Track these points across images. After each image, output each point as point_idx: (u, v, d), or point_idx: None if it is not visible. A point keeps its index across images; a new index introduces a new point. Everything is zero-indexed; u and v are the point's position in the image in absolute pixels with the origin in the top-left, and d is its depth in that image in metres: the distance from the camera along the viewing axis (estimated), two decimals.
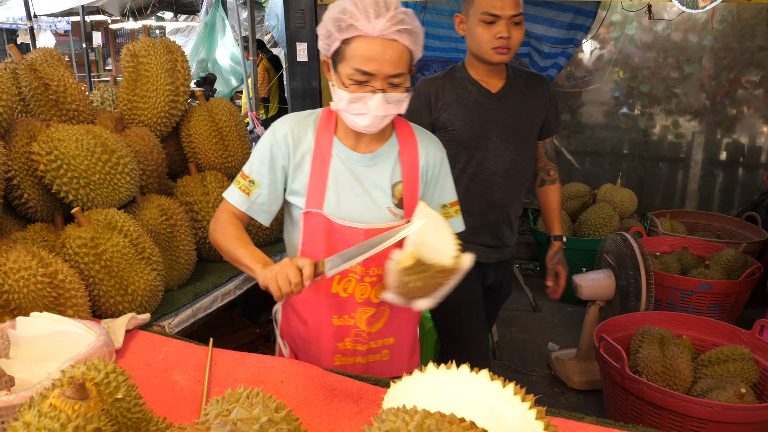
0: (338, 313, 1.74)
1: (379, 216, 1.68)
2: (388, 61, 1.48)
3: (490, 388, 1.22)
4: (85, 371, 0.96)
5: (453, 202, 1.84)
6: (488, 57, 2.15)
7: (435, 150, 1.76)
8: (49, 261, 1.63)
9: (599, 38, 5.73)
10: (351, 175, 1.67)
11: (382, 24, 1.45)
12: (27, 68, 2.15)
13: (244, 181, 1.69)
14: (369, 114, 1.53)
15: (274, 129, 1.70)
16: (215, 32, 7.44)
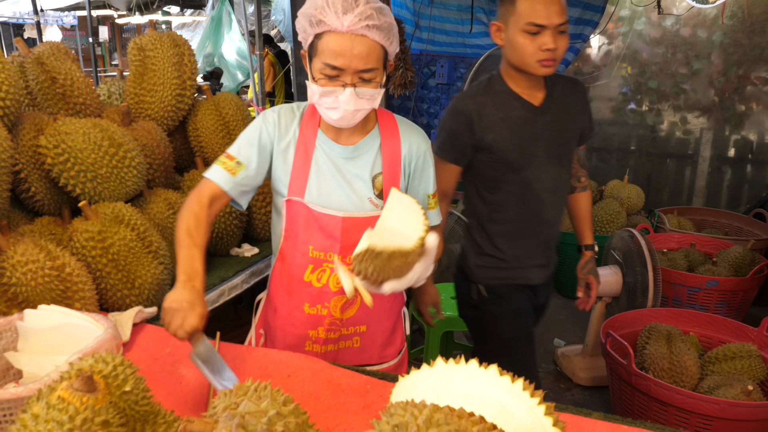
0: (310, 301, 1.76)
1: (360, 206, 1.70)
2: (356, 57, 1.50)
3: (498, 383, 1.21)
4: (93, 364, 0.96)
5: (434, 193, 1.85)
6: (532, 69, 1.97)
7: (418, 141, 1.76)
8: (57, 254, 1.63)
9: (607, 33, 5.70)
10: (333, 167, 1.70)
11: (350, 20, 1.47)
12: (34, 62, 2.15)
13: (230, 162, 1.67)
14: (340, 108, 1.56)
15: (264, 115, 1.73)
16: (221, 27, 7.43)
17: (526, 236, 2.17)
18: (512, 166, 2.09)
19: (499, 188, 2.13)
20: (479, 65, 3.82)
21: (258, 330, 1.93)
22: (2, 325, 1.32)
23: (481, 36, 5.70)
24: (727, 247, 4.21)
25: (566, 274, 4.73)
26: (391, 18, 1.54)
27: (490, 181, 2.13)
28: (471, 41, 5.79)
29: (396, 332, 1.92)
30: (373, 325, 1.82)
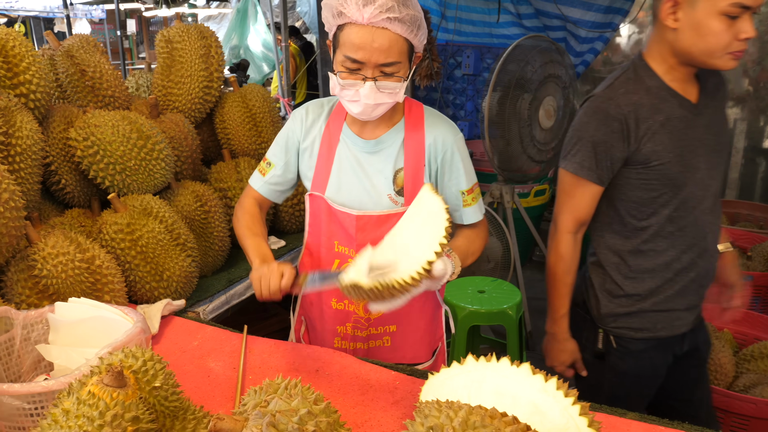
0: (338, 296, 1.75)
1: (378, 203, 1.67)
2: (377, 50, 1.46)
3: (531, 382, 1.19)
4: (123, 359, 0.96)
5: (470, 189, 1.71)
6: (719, 63, 1.61)
7: (444, 133, 1.68)
8: (87, 246, 1.64)
9: (637, 22, 5.57)
10: (355, 161, 1.68)
11: (371, 11, 1.43)
12: (64, 55, 2.16)
13: (263, 164, 1.78)
14: (360, 101, 1.53)
15: (293, 114, 1.76)
16: (247, 19, 7.43)
17: (681, 271, 1.78)
18: (672, 183, 1.70)
19: (654, 212, 1.73)
20: (507, 55, 3.75)
21: (299, 317, 1.92)
22: (34, 318, 1.32)
23: (508, 25, 5.62)
24: (762, 241, 4.10)
25: None
26: (415, 10, 1.49)
27: (640, 205, 1.74)
28: (498, 31, 5.71)
29: (430, 332, 1.87)
30: (403, 325, 1.79)
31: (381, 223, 1.66)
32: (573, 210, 1.77)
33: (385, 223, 1.66)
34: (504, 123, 3.80)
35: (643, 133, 1.66)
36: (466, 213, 1.73)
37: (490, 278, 3.31)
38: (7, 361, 1.28)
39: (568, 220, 1.80)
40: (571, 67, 4.11)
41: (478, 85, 5.88)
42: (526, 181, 4.37)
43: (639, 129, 1.66)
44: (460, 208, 1.72)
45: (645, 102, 1.67)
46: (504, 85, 3.75)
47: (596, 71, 5.85)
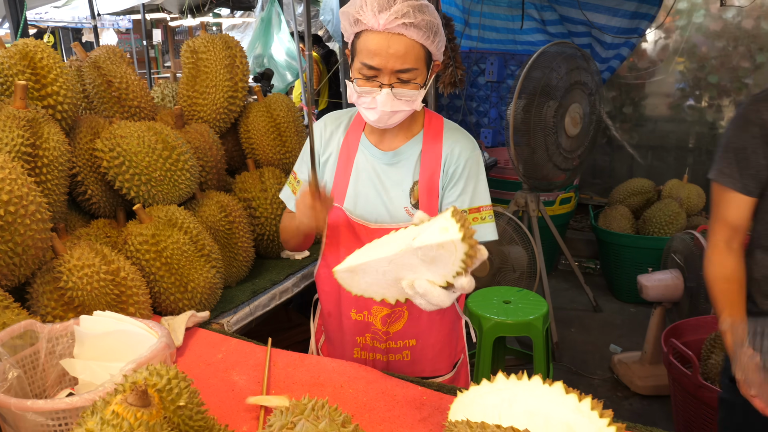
0: (357, 307, 1.73)
1: (394, 216, 1.65)
2: (393, 56, 1.46)
3: (565, 401, 1.15)
4: (147, 377, 0.94)
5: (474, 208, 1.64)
6: None
7: (461, 147, 1.64)
8: (112, 258, 1.64)
9: (664, 27, 5.48)
10: (373, 172, 1.66)
11: (386, 18, 1.43)
12: (91, 66, 2.18)
13: (293, 180, 1.79)
14: (377, 109, 1.52)
15: (314, 126, 1.76)
16: (271, 27, 7.47)
17: None
18: None
19: None
20: (533, 62, 3.71)
21: (319, 327, 1.91)
22: (59, 331, 1.32)
23: (533, 32, 5.57)
24: None
25: (621, 277, 4.60)
26: (432, 16, 1.47)
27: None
28: (522, 38, 5.67)
29: (450, 345, 1.83)
30: (423, 339, 1.76)
31: None
32: (720, 219, 1.69)
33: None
34: (529, 131, 3.75)
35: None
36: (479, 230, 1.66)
37: (515, 288, 3.26)
38: (32, 375, 1.27)
39: (716, 230, 1.71)
40: (597, 73, 4.05)
41: (502, 92, 5.84)
42: (551, 189, 4.32)
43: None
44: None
45: None
46: (529, 92, 3.71)
47: (622, 77, 5.78)
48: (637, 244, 4.41)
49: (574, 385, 1.13)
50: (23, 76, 1.80)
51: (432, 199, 1.64)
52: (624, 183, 4.93)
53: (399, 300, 1.22)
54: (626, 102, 5.86)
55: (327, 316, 1.82)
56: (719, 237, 1.72)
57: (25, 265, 1.49)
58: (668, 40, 5.57)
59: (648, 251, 4.31)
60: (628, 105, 5.86)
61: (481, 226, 1.66)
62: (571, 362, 3.79)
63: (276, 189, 2.34)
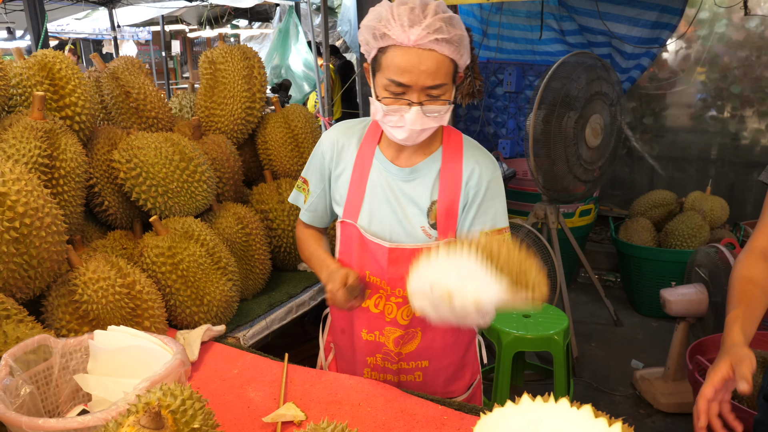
0: (368, 327, 1.67)
1: (411, 235, 1.58)
2: (424, 73, 1.38)
3: (594, 426, 1.10)
4: (161, 397, 0.91)
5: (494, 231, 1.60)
6: None
7: (483, 168, 1.59)
8: (128, 271, 1.62)
9: (685, 37, 5.41)
10: (388, 189, 1.59)
11: (417, 33, 1.35)
12: (109, 77, 2.17)
13: (304, 188, 1.75)
14: (405, 127, 1.45)
15: (323, 137, 1.70)
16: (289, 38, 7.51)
17: None
18: None
19: None
20: (552, 73, 3.67)
21: (328, 344, 1.87)
22: (73, 346, 1.30)
23: (551, 42, 5.52)
24: None
25: (643, 291, 4.51)
26: (461, 29, 1.42)
27: None
28: (540, 48, 5.62)
29: (464, 367, 1.78)
30: (436, 361, 1.70)
31: (414, 256, 1.57)
32: (764, 225, 1.55)
33: (417, 257, 1.59)
34: (549, 142, 3.70)
35: None
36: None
37: None
38: (45, 391, 1.25)
39: (757, 235, 1.57)
40: (618, 83, 4.00)
41: (520, 103, 5.79)
42: (571, 200, 4.25)
43: None
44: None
45: None
46: (549, 102, 3.66)
47: (642, 88, 5.71)
48: (658, 257, 4.32)
49: (595, 402, 1.08)
50: (41, 87, 1.79)
51: (450, 220, 1.59)
52: (645, 195, 4.84)
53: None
54: (647, 113, 5.78)
55: (340, 332, 1.77)
56: (757, 243, 1.59)
57: (40, 278, 1.47)
58: (690, 50, 5.49)
59: (670, 264, 4.23)
60: (648, 116, 5.78)
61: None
62: (591, 378, 3.71)
63: None
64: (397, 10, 1.38)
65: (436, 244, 1.54)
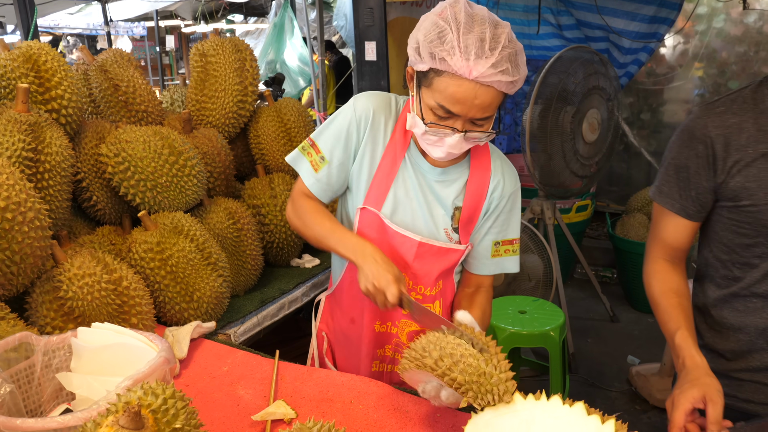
0: (381, 319, 1.64)
1: (435, 234, 1.56)
2: (477, 106, 1.32)
3: (586, 423, 1.07)
4: (142, 396, 0.88)
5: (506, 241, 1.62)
6: None
7: (508, 181, 1.58)
8: (114, 267, 1.58)
9: (683, 32, 5.38)
10: (417, 185, 1.55)
11: (482, 69, 1.26)
12: (98, 69, 2.14)
13: (316, 155, 1.57)
14: (444, 148, 1.41)
15: (355, 105, 1.55)
16: (284, 33, 7.46)
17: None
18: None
19: (747, 263, 1.43)
20: (549, 67, 3.63)
21: (320, 333, 1.82)
22: (55, 344, 1.26)
23: (549, 37, 5.49)
24: None
25: (639, 287, 4.48)
26: (524, 65, 1.33)
27: (731, 250, 1.45)
28: (538, 43, 5.58)
29: None
30: None
31: (440, 255, 1.56)
32: (657, 238, 1.52)
33: (443, 256, 1.56)
34: (546, 137, 3.67)
35: (733, 164, 1.38)
36: (487, 263, 1.63)
37: (531, 298, 3.18)
38: (27, 390, 1.22)
39: (655, 248, 1.54)
40: (615, 78, 3.97)
41: (517, 98, 5.75)
42: (567, 196, 4.23)
43: (728, 158, 1.38)
44: (487, 258, 1.62)
45: (748, 126, 1.36)
46: (545, 97, 3.63)
47: (640, 83, 5.68)
48: None
49: (591, 398, 1.05)
50: (26, 79, 1.76)
51: (470, 227, 1.58)
52: (642, 190, 4.82)
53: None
54: (644, 108, 5.75)
55: (349, 322, 1.71)
56: (658, 254, 1.54)
57: (23, 274, 1.43)
58: (687, 45, 5.47)
59: None
60: (645, 111, 5.75)
61: (509, 258, 1.64)
62: (587, 374, 3.69)
63: (286, 195, 2.28)
64: (464, 39, 1.27)
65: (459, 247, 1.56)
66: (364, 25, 4.02)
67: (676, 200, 1.47)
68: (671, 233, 1.50)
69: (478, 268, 1.64)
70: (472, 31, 1.28)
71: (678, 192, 1.47)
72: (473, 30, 1.28)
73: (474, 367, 1.15)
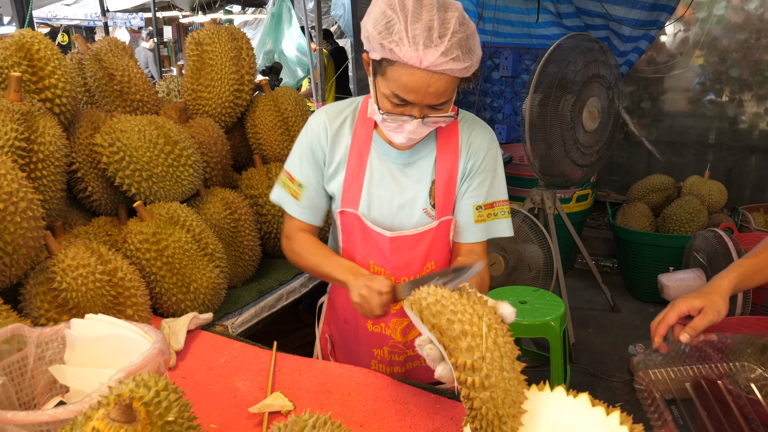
0: (374, 320, 1.64)
1: (411, 218, 1.54)
2: (432, 94, 1.31)
3: (591, 415, 1.05)
4: (134, 388, 0.86)
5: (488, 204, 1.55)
6: None
7: (481, 139, 1.54)
8: (109, 258, 1.56)
9: (683, 20, 5.34)
10: (388, 173, 1.54)
11: (431, 58, 1.25)
12: (92, 58, 2.11)
13: (293, 185, 1.60)
14: (404, 134, 1.41)
15: (310, 122, 1.59)
16: (282, 23, 7.40)
17: None
18: None
19: None
20: (549, 56, 3.59)
21: (323, 335, 1.82)
22: (49, 335, 1.24)
23: (548, 25, 5.45)
24: None
25: (640, 276, 4.47)
26: (478, 48, 1.32)
27: None
28: (537, 31, 5.55)
29: None
30: None
31: (416, 242, 1.55)
32: None
33: (420, 242, 1.55)
34: (545, 126, 3.64)
35: None
36: (472, 230, 1.56)
37: (531, 288, 3.16)
38: (20, 382, 1.20)
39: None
40: (615, 66, 3.93)
41: (517, 88, 5.72)
42: (568, 186, 4.20)
43: None
44: (471, 225, 1.56)
45: None
46: (545, 86, 3.60)
47: (640, 71, 5.64)
48: (656, 242, 4.28)
49: (592, 388, 1.03)
50: (19, 68, 1.72)
51: (449, 197, 1.55)
52: (642, 180, 4.80)
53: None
54: (644, 97, 5.72)
55: (343, 323, 1.73)
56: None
57: (16, 265, 1.41)
58: (688, 32, 5.42)
59: (668, 249, 4.19)
60: (646, 100, 5.72)
61: (494, 222, 1.57)
62: (588, 364, 3.68)
63: None
64: (412, 28, 1.24)
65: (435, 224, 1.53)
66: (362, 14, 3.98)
67: None
68: None
69: (464, 236, 1.58)
70: (420, 18, 1.25)
71: None
72: (421, 17, 1.25)
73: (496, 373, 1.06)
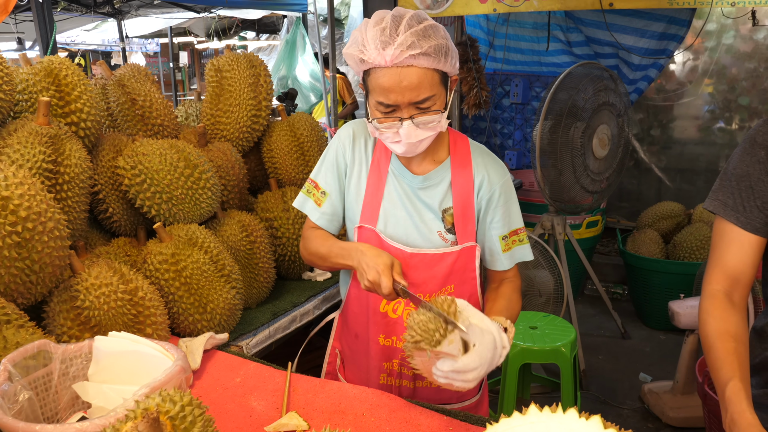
0: (386, 333, 1.67)
1: (427, 239, 1.61)
2: (407, 89, 1.40)
3: None
4: (160, 403, 0.89)
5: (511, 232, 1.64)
6: None
7: (494, 173, 1.62)
8: (130, 277, 1.60)
9: (692, 48, 5.40)
10: (404, 195, 1.62)
11: (392, 53, 1.37)
12: (115, 84, 2.17)
13: (317, 192, 1.69)
14: (402, 141, 1.48)
15: (339, 133, 1.69)
16: (296, 49, 7.54)
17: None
18: None
19: None
20: (559, 83, 3.65)
21: (333, 350, 1.86)
22: (73, 352, 1.28)
23: (558, 53, 5.52)
24: None
25: (651, 303, 4.46)
26: (438, 37, 1.41)
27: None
28: (547, 59, 5.62)
29: None
30: None
31: (435, 262, 1.59)
32: (717, 264, 1.40)
33: (438, 262, 1.60)
34: (556, 152, 3.68)
35: None
36: (502, 258, 1.65)
37: (542, 313, 3.17)
38: (45, 397, 1.23)
39: (714, 277, 1.40)
40: (625, 94, 3.98)
41: (527, 114, 5.78)
42: (578, 212, 4.23)
43: None
44: (500, 254, 1.64)
45: None
46: (555, 113, 3.65)
47: (649, 99, 5.69)
48: (667, 269, 4.28)
49: (603, 415, 1.05)
50: (47, 93, 1.79)
51: (469, 225, 1.62)
52: (653, 206, 4.82)
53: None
54: (654, 124, 5.76)
55: (353, 337, 1.76)
56: (716, 286, 1.40)
57: (42, 283, 1.46)
58: (697, 61, 5.48)
59: (678, 276, 4.19)
60: (656, 127, 5.76)
61: (518, 248, 1.66)
62: (599, 391, 3.67)
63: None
64: (370, 32, 1.39)
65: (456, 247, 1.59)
66: None
67: (735, 211, 1.37)
68: (734, 254, 1.37)
69: (495, 264, 1.67)
70: (378, 24, 1.40)
71: (741, 203, 1.36)
72: (378, 24, 1.40)
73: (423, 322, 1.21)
